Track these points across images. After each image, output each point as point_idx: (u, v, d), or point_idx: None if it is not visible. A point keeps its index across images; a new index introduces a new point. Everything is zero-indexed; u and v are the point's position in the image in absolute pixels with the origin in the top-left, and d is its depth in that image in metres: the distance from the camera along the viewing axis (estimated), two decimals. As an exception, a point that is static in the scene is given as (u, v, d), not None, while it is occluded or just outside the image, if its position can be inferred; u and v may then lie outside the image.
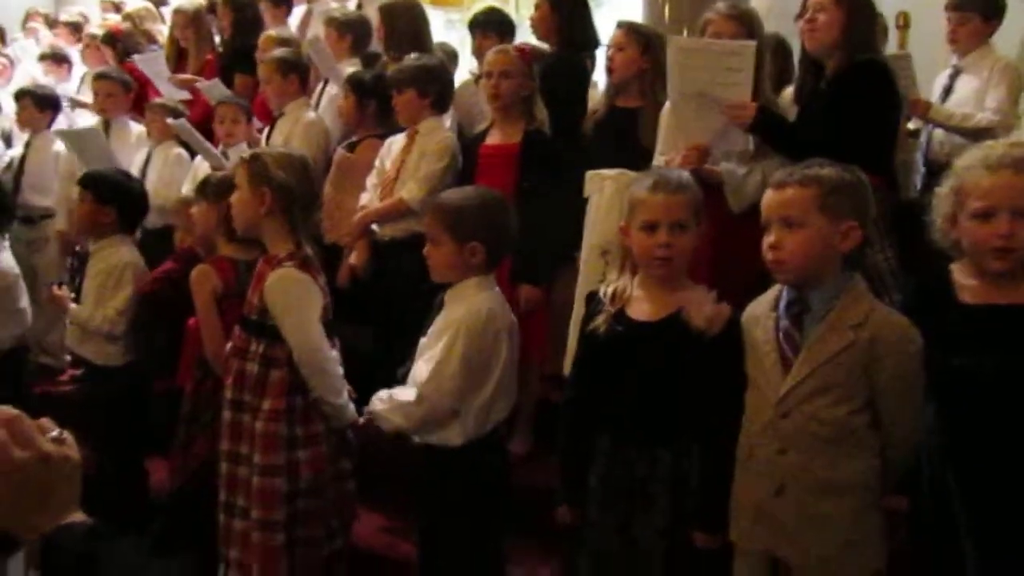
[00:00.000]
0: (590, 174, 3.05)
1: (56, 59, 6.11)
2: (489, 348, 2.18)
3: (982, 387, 1.80)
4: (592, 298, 2.18)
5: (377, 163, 3.48)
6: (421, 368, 2.20)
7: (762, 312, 1.98)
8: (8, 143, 5.38)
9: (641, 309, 2.06)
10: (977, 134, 3.37)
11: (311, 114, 4.00)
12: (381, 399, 2.26)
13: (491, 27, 4.20)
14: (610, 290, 2.09)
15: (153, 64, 4.82)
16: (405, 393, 2.21)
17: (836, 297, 1.88)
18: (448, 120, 3.59)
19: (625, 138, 3.06)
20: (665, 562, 1.99)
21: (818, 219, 1.84)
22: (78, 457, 1.00)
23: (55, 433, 1.00)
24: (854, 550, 1.87)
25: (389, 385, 2.33)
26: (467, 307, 2.17)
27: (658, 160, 2.92)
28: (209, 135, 4.16)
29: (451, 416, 2.19)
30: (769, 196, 1.93)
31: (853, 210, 1.87)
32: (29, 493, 0.95)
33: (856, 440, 1.87)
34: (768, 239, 1.89)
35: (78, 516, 0.98)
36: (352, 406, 2.42)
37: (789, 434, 1.87)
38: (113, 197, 3.27)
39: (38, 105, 4.82)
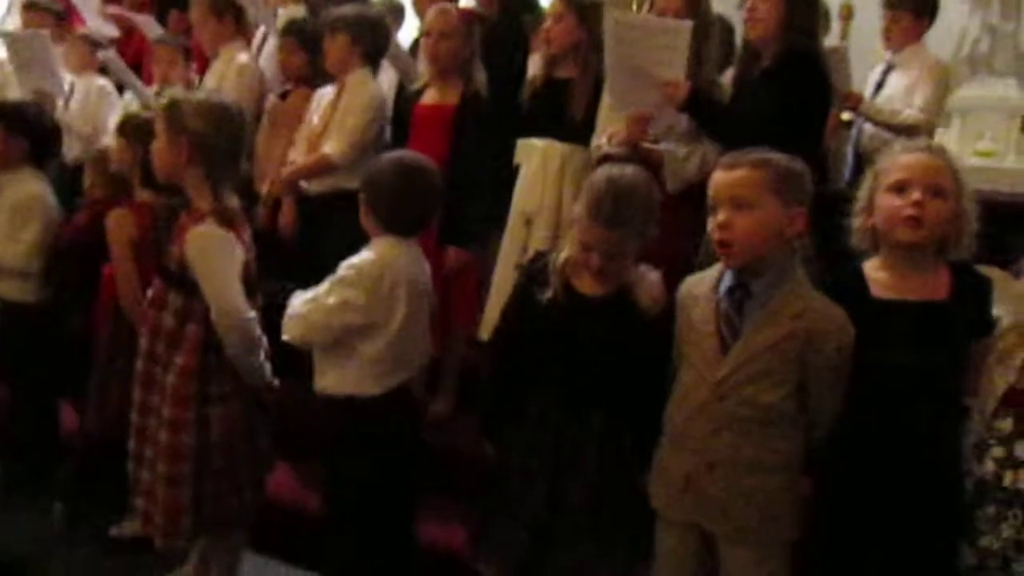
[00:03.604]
0: (521, 142, 3.07)
1: None
2: (381, 300, 2.21)
3: (892, 383, 1.87)
4: (534, 262, 2.20)
5: (306, 117, 3.41)
6: (306, 295, 2.26)
7: (702, 293, 2.00)
8: None
9: (585, 282, 2.09)
10: (903, 130, 3.45)
11: (244, 57, 3.88)
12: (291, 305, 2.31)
13: None
14: (561, 259, 2.10)
15: None
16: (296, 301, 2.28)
17: (777, 285, 1.90)
18: (386, 79, 3.53)
19: (561, 109, 3.05)
20: (592, 518, 2.04)
21: (770, 201, 1.86)
22: None
23: None
24: (774, 522, 1.94)
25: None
26: (366, 256, 2.23)
27: (600, 138, 2.93)
28: (139, 73, 4.02)
29: (332, 357, 2.25)
30: (718, 176, 1.93)
31: (800, 196, 1.90)
32: None
33: (785, 423, 1.92)
34: (717, 219, 1.90)
35: None
36: (268, 365, 2.39)
37: (724, 416, 1.92)
38: (25, 128, 3.15)
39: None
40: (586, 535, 2.06)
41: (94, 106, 4.11)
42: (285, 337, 2.27)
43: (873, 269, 1.97)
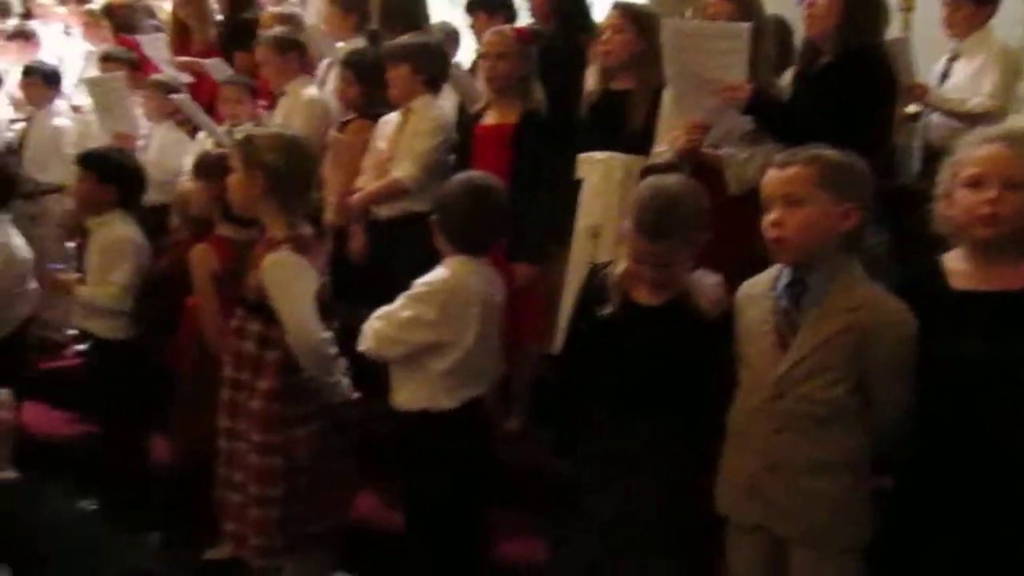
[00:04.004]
0: (582, 157, 3.09)
1: (24, 36, 6.04)
2: (452, 318, 2.27)
3: (969, 373, 1.82)
4: (594, 275, 2.22)
5: (371, 144, 3.48)
6: (383, 309, 2.33)
7: (759, 292, 2.01)
8: None
9: (642, 293, 2.10)
10: (973, 118, 3.37)
11: (311, 91, 4.00)
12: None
13: (488, 6, 4.18)
14: (618, 273, 2.12)
15: (156, 47, 4.81)
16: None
17: (833, 279, 1.90)
18: (447, 101, 3.59)
19: (619, 121, 3.06)
20: (660, 524, 2.05)
21: (820, 197, 1.87)
22: (10, 418, 1.03)
23: None
24: (843, 525, 1.92)
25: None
26: (439, 274, 2.30)
27: (661, 145, 2.94)
28: (211, 114, 4.17)
29: (406, 371, 2.30)
30: (771, 175, 1.95)
31: (853, 192, 1.90)
32: None
33: (848, 419, 1.91)
34: (770, 217, 1.91)
35: (8, 473, 1.01)
36: (346, 383, 2.46)
37: (784, 414, 1.91)
38: (114, 175, 3.31)
39: (46, 81, 4.84)
40: (653, 543, 2.06)
41: (170, 156, 4.28)
42: (360, 348, 2.35)
43: (952, 260, 1.94)
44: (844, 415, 1.90)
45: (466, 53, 4.59)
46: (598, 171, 3.07)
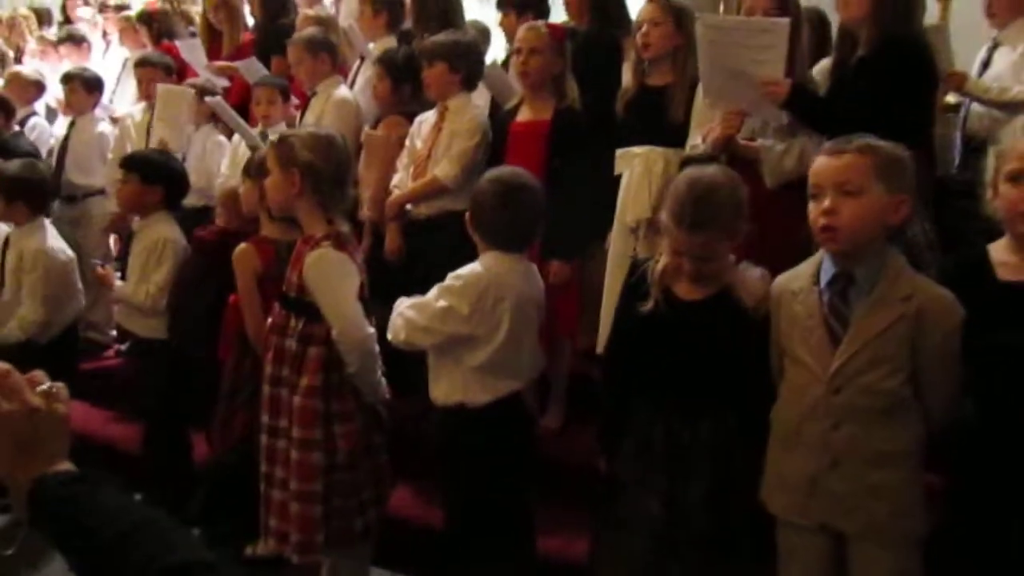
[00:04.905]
0: (620, 152, 3.07)
1: (75, 41, 6.14)
2: (484, 313, 2.27)
3: (1018, 365, 1.80)
4: (635, 269, 2.21)
5: (408, 142, 3.50)
6: (413, 299, 2.35)
7: (800, 287, 1.98)
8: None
9: (686, 287, 2.09)
10: (1014, 108, 3.30)
11: (342, 91, 4.03)
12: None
13: (518, 4, 4.09)
14: (659, 268, 2.11)
15: (193, 51, 4.87)
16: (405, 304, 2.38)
17: (880, 271, 1.89)
18: (480, 98, 3.60)
19: (658, 116, 3.04)
20: (707, 528, 2.03)
21: (876, 188, 1.85)
22: (66, 411, 1.04)
23: (45, 387, 1.03)
24: (904, 515, 1.91)
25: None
26: (473, 268, 2.31)
27: (694, 139, 2.92)
28: (246, 116, 4.21)
29: (442, 364, 2.33)
30: (823, 163, 1.91)
31: (905, 184, 1.88)
32: (15, 443, 0.99)
33: (906, 409, 1.90)
34: (821, 205, 1.88)
35: (65, 465, 1.02)
36: (384, 382, 2.47)
37: (842, 408, 1.89)
38: (158, 176, 3.36)
39: (86, 88, 4.92)
40: (700, 541, 2.04)
41: (209, 159, 4.33)
42: (389, 336, 2.36)
43: (999, 251, 1.92)
44: (902, 405, 1.89)
45: (497, 51, 4.59)
46: (638, 165, 3.04)
